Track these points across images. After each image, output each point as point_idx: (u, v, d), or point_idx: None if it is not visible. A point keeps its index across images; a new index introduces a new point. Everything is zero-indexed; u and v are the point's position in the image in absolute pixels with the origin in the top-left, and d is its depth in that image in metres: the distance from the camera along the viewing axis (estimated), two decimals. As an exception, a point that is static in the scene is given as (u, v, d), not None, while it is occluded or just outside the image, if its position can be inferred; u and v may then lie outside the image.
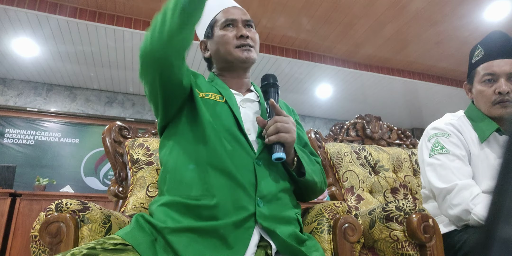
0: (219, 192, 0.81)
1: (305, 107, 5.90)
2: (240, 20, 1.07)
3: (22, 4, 3.42)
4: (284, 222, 0.85)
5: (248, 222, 0.80)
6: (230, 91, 1.03)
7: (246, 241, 0.78)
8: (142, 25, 3.78)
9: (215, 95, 0.98)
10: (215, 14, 1.10)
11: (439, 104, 5.68)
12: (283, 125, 0.88)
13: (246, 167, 0.87)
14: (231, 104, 0.96)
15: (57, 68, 4.61)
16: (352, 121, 1.81)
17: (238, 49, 1.03)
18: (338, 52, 4.50)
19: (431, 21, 3.84)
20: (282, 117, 0.91)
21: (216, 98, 0.97)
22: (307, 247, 0.85)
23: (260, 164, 0.89)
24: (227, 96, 0.99)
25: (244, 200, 0.82)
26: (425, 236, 0.92)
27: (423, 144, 1.33)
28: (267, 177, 0.88)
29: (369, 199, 1.52)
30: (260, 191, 0.84)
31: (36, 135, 4.87)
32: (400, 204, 0.98)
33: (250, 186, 0.84)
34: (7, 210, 2.98)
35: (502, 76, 1.22)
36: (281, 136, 0.88)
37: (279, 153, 0.87)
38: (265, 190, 0.85)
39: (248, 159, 0.88)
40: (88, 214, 0.89)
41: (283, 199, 0.90)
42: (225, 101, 0.97)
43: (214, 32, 1.07)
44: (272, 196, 0.86)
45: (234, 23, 1.06)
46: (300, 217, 0.95)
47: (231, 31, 1.05)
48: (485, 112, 1.27)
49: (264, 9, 3.66)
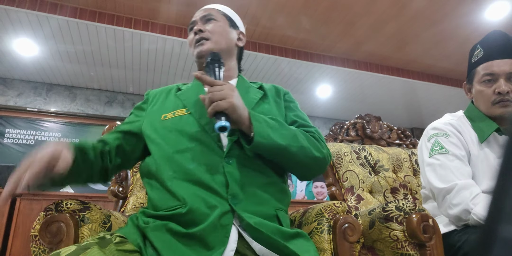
0: (189, 199, 0.82)
1: (305, 107, 5.90)
2: (198, 19, 1.11)
3: (23, 4, 3.43)
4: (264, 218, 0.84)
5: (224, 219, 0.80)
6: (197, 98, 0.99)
7: (225, 239, 0.78)
8: (142, 25, 3.78)
9: (180, 111, 0.99)
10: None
11: (438, 104, 5.68)
12: (214, 94, 0.84)
13: (215, 169, 0.86)
14: (194, 112, 0.97)
15: (57, 68, 4.61)
16: (352, 121, 1.81)
17: (193, 47, 1.09)
18: (337, 51, 4.50)
19: (432, 20, 3.84)
20: (215, 86, 0.86)
21: (182, 113, 0.99)
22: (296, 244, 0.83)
23: (230, 162, 0.88)
24: (190, 106, 0.99)
25: (216, 201, 0.81)
26: (425, 236, 0.92)
27: (422, 144, 1.33)
28: (238, 175, 0.86)
29: (369, 199, 1.52)
30: (231, 190, 0.83)
31: (36, 135, 4.87)
32: (400, 204, 0.98)
33: (220, 188, 0.84)
34: (7, 210, 2.98)
35: (502, 76, 1.22)
36: (215, 105, 0.83)
37: (219, 122, 0.81)
38: (236, 188, 0.84)
39: (217, 160, 0.88)
40: (88, 214, 0.89)
41: (259, 194, 0.87)
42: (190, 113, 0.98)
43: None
44: (247, 193, 0.85)
45: (194, 24, 1.12)
46: (284, 212, 0.93)
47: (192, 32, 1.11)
48: (485, 112, 1.27)
49: (263, 8, 3.66)
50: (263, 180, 0.90)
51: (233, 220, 0.81)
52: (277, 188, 0.93)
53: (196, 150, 0.90)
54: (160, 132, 0.97)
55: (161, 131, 0.97)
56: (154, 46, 4.05)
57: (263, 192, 0.88)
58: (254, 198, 0.86)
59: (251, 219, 0.80)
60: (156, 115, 1.02)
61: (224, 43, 1.08)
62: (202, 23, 1.10)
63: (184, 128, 0.94)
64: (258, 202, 0.86)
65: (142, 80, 4.97)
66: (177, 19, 3.84)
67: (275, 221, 0.87)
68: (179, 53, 4.24)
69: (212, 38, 1.06)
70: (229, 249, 0.77)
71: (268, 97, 1.07)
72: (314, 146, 0.94)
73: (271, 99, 1.08)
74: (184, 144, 0.91)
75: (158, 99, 1.08)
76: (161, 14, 3.76)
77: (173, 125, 0.96)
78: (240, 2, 3.53)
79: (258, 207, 0.85)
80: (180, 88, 1.10)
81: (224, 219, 0.80)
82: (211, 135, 0.91)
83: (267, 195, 0.89)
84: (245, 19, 3.84)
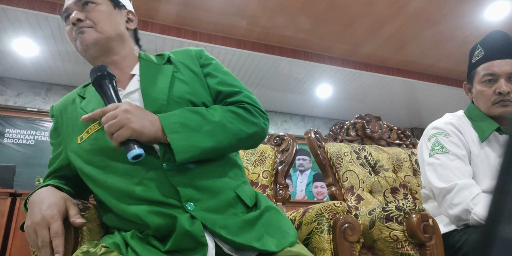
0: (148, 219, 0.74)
1: (305, 107, 5.90)
2: (72, 4, 0.91)
3: (22, 4, 3.42)
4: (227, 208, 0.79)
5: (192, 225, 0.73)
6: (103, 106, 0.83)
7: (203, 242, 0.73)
8: (141, 25, 3.77)
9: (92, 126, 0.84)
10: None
11: (438, 104, 5.69)
12: (110, 125, 0.73)
13: (158, 180, 0.77)
14: None
15: (56, 67, 4.60)
16: (352, 121, 1.81)
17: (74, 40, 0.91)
18: (337, 51, 4.50)
19: (431, 20, 3.84)
20: (106, 116, 0.75)
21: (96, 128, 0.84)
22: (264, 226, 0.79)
23: (170, 167, 0.78)
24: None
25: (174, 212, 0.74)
26: (425, 236, 0.92)
27: (423, 144, 1.33)
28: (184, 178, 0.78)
29: (369, 199, 1.52)
30: (184, 196, 0.76)
31: (36, 135, 4.87)
32: (400, 204, 0.98)
33: (172, 198, 0.76)
34: (7, 210, 2.98)
35: (502, 77, 1.22)
36: (115, 137, 0.73)
37: (130, 152, 0.72)
38: (188, 192, 0.76)
39: (156, 170, 0.78)
40: (87, 214, 0.89)
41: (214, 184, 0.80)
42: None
43: None
44: (200, 191, 0.78)
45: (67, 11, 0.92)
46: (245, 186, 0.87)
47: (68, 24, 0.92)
48: (485, 112, 1.27)
49: (262, 8, 3.66)
50: (210, 168, 0.82)
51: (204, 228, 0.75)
52: (227, 166, 0.86)
53: (129, 167, 0.79)
54: (84, 158, 0.85)
55: (84, 157, 0.84)
56: (153, 46, 4.05)
57: (216, 178, 0.81)
58: (210, 191, 0.79)
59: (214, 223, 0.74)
60: (72, 139, 0.88)
61: (112, 30, 0.91)
62: (78, 10, 0.90)
63: (105, 146, 0.81)
64: (216, 193, 0.79)
65: (142, 80, 4.97)
66: (176, 19, 3.84)
67: (239, 204, 0.82)
68: (179, 53, 4.24)
69: (97, 27, 0.89)
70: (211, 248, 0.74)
71: (181, 70, 0.92)
72: (245, 125, 0.84)
73: (186, 71, 0.92)
74: (113, 165, 0.80)
75: (66, 117, 0.93)
76: (160, 14, 3.76)
77: (92, 146, 0.83)
78: (239, 2, 3.54)
79: (218, 197, 0.79)
80: (82, 95, 0.94)
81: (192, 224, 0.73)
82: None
83: (220, 179, 0.82)
84: (244, 19, 3.85)
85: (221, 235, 0.74)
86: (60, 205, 0.79)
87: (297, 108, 5.93)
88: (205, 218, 0.74)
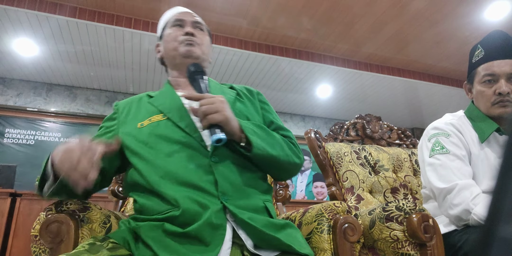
0: (181, 201, 0.82)
1: (305, 107, 5.90)
2: (189, 21, 1.12)
3: (22, 4, 3.43)
4: (254, 212, 0.86)
5: (219, 218, 0.80)
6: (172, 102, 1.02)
7: (221, 237, 0.79)
8: (142, 25, 3.77)
9: (156, 117, 0.98)
10: (169, 18, 1.16)
11: (439, 104, 5.68)
12: (208, 107, 0.86)
13: (203, 168, 0.87)
14: (172, 117, 0.97)
15: (57, 67, 4.61)
16: (352, 121, 1.81)
17: (182, 45, 1.07)
18: (338, 51, 4.50)
19: (432, 20, 3.84)
20: (207, 99, 0.88)
21: (159, 118, 0.98)
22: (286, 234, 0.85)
23: (217, 161, 0.89)
24: (167, 111, 0.99)
25: (207, 201, 0.82)
26: (426, 236, 0.92)
27: (423, 144, 1.33)
28: (227, 171, 0.88)
29: (369, 199, 1.52)
30: (221, 187, 0.85)
31: (36, 135, 4.87)
32: (400, 204, 0.98)
33: (210, 186, 0.85)
34: (7, 210, 2.98)
35: (503, 77, 1.22)
36: (209, 118, 0.86)
37: (215, 135, 0.84)
38: (226, 185, 0.86)
39: (204, 160, 0.89)
40: (88, 214, 0.89)
41: (248, 189, 0.90)
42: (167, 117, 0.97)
43: (164, 32, 1.14)
44: (236, 188, 0.87)
45: (183, 23, 1.11)
46: (271, 203, 0.95)
47: (179, 30, 1.10)
48: (485, 112, 1.27)
49: (264, 9, 3.66)
50: (248, 175, 0.93)
51: (227, 217, 0.82)
52: (261, 182, 0.97)
53: (181, 153, 0.90)
54: (139, 139, 0.95)
55: (140, 138, 0.95)
56: (154, 46, 4.06)
57: (250, 186, 0.91)
58: (243, 193, 0.88)
59: (244, 215, 0.82)
60: (131, 124, 1.00)
61: (207, 55, 1.12)
62: (192, 28, 1.11)
63: (164, 133, 0.93)
64: (247, 196, 0.88)
65: (142, 80, 4.97)
66: (177, 19, 3.84)
67: (265, 213, 0.89)
68: (179, 53, 4.24)
69: (201, 47, 1.09)
70: (226, 247, 0.78)
71: (242, 97, 1.10)
72: (294, 153, 1.01)
73: (245, 99, 1.10)
74: (167, 148, 0.91)
75: (130, 109, 1.06)
76: (161, 14, 3.74)
77: (152, 131, 0.95)
78: (241, 2, 3.54)
79: (248, 201, 0.87)
80: (151, 95, 1.09)
81: (218, 217, 0.80)
82: (193, 137, 0.92)
83: (254, 189, 0.92)
84: (245, 20, 3.85)
85: (249, 223, 0.80)
86: None
87: (298, 108, 5.93)
88: (236, 210, 0.82)
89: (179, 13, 1.15)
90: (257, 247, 0.82)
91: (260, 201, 0.90)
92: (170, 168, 0.87)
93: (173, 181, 0.85)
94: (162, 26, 1.17)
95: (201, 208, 0.81)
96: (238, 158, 0.93)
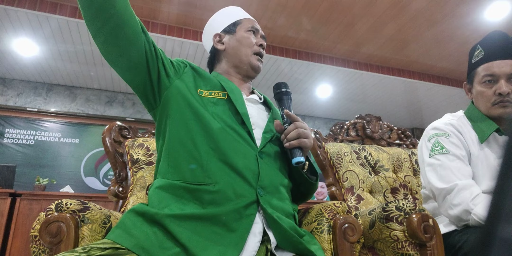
0: (220, 179, 0.83)
1: (305, 107, 5.90)
2: (261, 33, 1.17)
3: (23, 4, 3.43)
4: (284, 214, 0.87)
5: (250, 209, 0.81)
6: (235, 86, 1.04)
7: (247, 227, 0.79)
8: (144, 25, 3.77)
9: (217, 93, 0.99)
10: (241, 17, 1.17)
11: (439, 104, 5.69)
12: (303, 131, 0.93)
13: (248, 157, 0.89)
14: (234, 99, 0.97)
15: (57, 67, 4.61)
16: (352, 121, 1.81)
17: (255, 56, 1.11)
18: (338, 52, 4.50)
19: (431, 21, 3.84)
20: (302, 123, 0.95)
21: (219, 96, 0.99)
22: (305, 241, 0.86)
23: (262, 157, 0.91)
24: (230, 91, 0.99)
25: (245, 189, 0.83)
26: (426, 236, 0.92)
27: (423, 144, 1.33)
28: (269, 169, 0.90)
29: (369, 199, 1.52)
30: (261, 181, 0.86)
31: (36, 135, 4.87)
32: (400, 204, 0.98)
33: (252, 176, 0.86)
34: (7, 210, 2.98)
35: (502, 77, 1.22)
36: (301, 141, 0.92)
37: (299, 158, 0.90)
38: (266, 180, 0.87)
39: (251, 151, 0.90)
40: (88, 214, 0.89)
41: (282, 193, 0.92)
42: (228, 97, 0.98)
43: (237, 30, 1.13)
44: (273, 188, 0.89)
45: (257, 32, 1.15)
46: (297, 214, 0.98)
47: (254, 38, 1.13)
48: (485, 112, 1.27)
49: (264, 9, 3.66)
50: (285, 181, 0.95)
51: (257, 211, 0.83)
52: (289, 191, 0.99)
53: (233, 136, 0.91)
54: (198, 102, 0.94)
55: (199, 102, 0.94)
56: (154, 46, 4.05)
57: (285, 191, 0.94)
58: (278, 194, 0.90)
59: (274, 213, 0.83)
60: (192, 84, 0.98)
61: None
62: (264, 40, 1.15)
63: (221, 113, 0.94)
64: (281, 199, 0.90)
65: (142, 80, 4.97)
66: (177, 19, 3.84)
67: (292, 219, 0.91)
68: (179, 53, 4.24)
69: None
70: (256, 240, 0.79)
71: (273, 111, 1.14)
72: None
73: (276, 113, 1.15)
74: (221, 127, 0.91)
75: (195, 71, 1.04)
76: (162, 14, 3.76)
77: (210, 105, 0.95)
78: (241, 2, 3.53)
79: (281, 203, 0.89)
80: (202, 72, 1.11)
81: (249, 209, 0.81)
82: (243, 127, 0.94)
83: (287, 195, 0.95)
84: (245, 19, 3.85)
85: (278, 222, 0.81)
86: None
87: (298, 108, 5.93)
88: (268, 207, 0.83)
89: (252, 20, 1.17)
90: (276, 248, 0.82)
91: (290, 208, 0.92)
92: (223, 145, 0.88)
93: (220, 157, 0.86)
94: (232, 20, 1.15)
95: (235, 196, 0.82)
96: (281, 164, 0.96)
